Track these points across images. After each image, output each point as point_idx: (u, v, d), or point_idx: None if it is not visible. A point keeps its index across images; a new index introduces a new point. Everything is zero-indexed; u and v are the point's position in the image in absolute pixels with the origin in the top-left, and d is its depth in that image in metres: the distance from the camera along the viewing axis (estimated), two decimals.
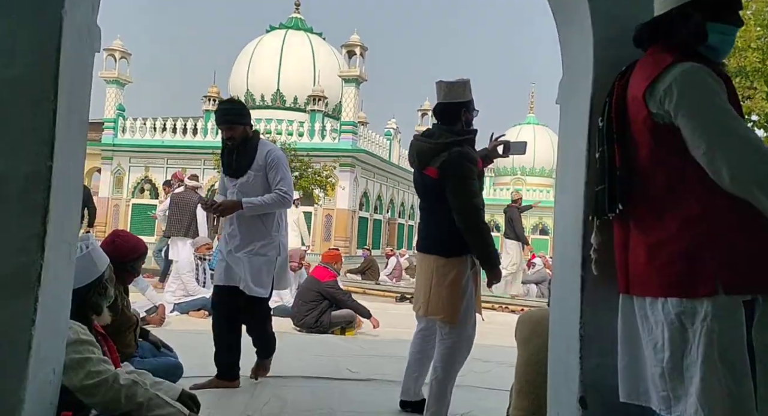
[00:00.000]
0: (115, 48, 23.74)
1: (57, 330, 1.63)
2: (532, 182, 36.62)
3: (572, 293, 1.81)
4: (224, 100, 3.19)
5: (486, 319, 7.56)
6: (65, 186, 1.60)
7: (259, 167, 3.00)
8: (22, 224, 1.48)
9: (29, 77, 1.53)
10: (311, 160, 18.09)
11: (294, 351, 4.34)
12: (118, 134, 23.73)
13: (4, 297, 1.47)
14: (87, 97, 1.78)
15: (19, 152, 1.51)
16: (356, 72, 21.62)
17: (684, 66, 1.39)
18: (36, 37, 1.53)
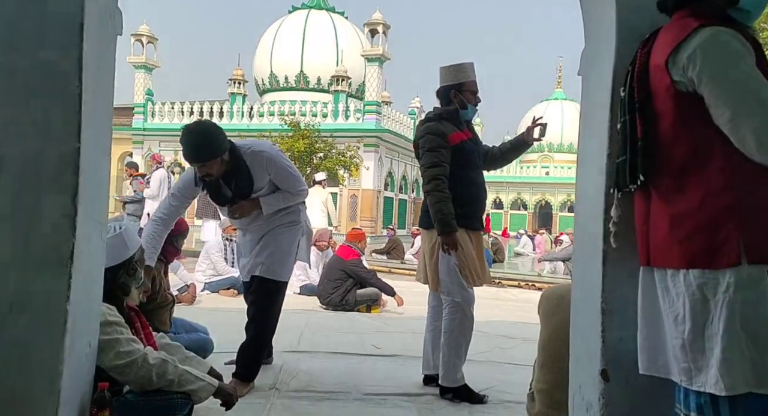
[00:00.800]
0: (142, 33, 24.06)
1: (91, 305, 1.70)
2: (561, 158, 35.96)
3: (594, 266, 1.80)
4: (187, 129, 2.48)
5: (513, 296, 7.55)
6: (93, 167, 1.65)
7: (266, 182, 2.69)
8: (55, 205, 1.55)
9: (55, 61, 1.57)
10: (335, 140, 18.13)
11: (321, 328, 4.44)
12: (147, 118, 24.22)
13: (41, 275, 1.54)
14: (111, 79, 1.83)
15: (48, 135, 1.56)
16: (379, 51, 21.41)
17: (710, 30, 1.34)
18: (60, 21, 1.57)
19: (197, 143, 2.44)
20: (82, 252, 1.59)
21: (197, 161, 2.47)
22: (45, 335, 1.53)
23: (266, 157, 2.64)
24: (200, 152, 2.45)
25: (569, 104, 36.49)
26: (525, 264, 13.82)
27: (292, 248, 2.85)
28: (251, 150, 2.62)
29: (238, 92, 25.23)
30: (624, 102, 1.54)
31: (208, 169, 2.48)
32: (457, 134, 2.77)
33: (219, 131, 2.50)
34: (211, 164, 2.46)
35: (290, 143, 17.05)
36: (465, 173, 2.77)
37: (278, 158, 2.71)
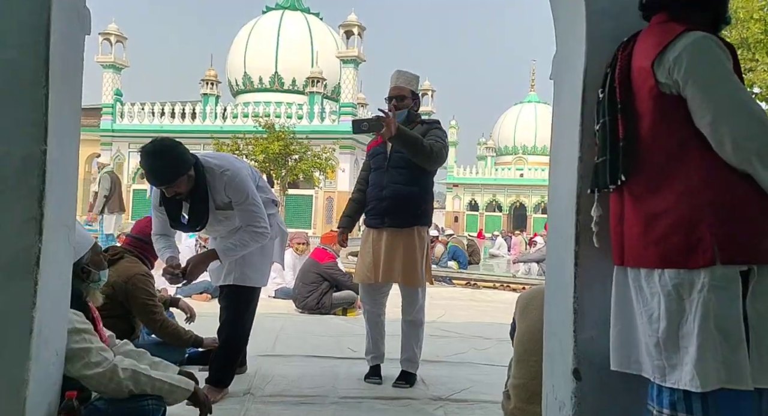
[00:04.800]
0: (111, 32, 23.55)
1: (58, 312, 1.65)
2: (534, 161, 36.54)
3: (566, 267, 1.83)
4: (147, 150, 2.29)
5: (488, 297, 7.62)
6: (60, 170, 1.61)
7: (225, 205, 2.51)
8: (20, 208, 1.50)
9: (20, 61, 1.53)
10: (311, 142, 18.06)
11: (296, 332, 4.40)
12: (116, 119, 23.69)
13: (5, 280, 1.49)
14: (79, 80, 1.78)
15: (13, 136, 1.51)
16: (355, 52, 21.43)
17: (695, 35, 1.38)
18: (25, 21, 1.53)
19: (158, 164, 2.29)
20: (49, 256, 1.54)
21: (162, 182, 2.32)
22: (10, 342, 1.48)
23: (227, 178, 2.44)
24: (164, 174, 2.30)
25: (542, 106, 37.11)
26: (500, 265, 13.98)
27: (265, 252, 2.76)
28: (214, 166, 2.45)
29: (211, 93, 24.91)
30: (603, 103, 1.57)
31: (176, 188, 2.34)
32: (373, 142, 3.12)
33: (180, 146, 2.36)
34: (177, 183, 2.33)
35: (265, 144, 16.91)
36: (371, 176, 3.07)
37: (241, 183, 2.48)
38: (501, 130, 38.51)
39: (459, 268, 10.61)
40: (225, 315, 2.70)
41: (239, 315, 2.69)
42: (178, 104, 23.72)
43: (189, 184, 2.38)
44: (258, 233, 2.51)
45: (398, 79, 2.99)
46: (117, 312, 2.73)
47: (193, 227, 2.54)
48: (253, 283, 2.69)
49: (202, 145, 20.82)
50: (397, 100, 2.96)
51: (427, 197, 3.01)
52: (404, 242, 2.91)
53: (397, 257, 2.90)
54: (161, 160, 2.29)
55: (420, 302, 3.03)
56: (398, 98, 2.96)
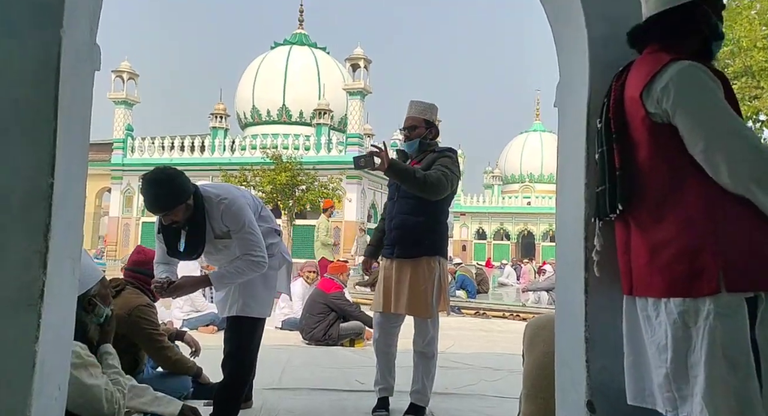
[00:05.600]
0: (123, 69, 24.17)
1: (61, 346, 1.64)
2: (542, 189, 36.54)
3: (576, 295, 1.80)
4: (147, 178, 2.33)
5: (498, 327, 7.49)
6: (67, 203, 1.61)
7: (224, 233, 2.50)
8: (25, 241, 1.50)
9: (29, 97, 1.56)
10: (318, 173, 18.19)
11: (303, 364, 4.33)
12: (127, 153, 24.07)
13: (8, 314, 1.48)
14: (88, 115, 1.81)
15: (21, 170, 1.53)
16: (361, 85, 21.80)
17: (681, 64, 1.39)
18: (35, 58, 1.56)
19: (158, 192, 2.31)
20: (54, 290, 1.53)
21: (160, 210, 2.34)
22: (12, 377, 1.46)
23: (224, 206, 2.44)
24: (162, 201, 2.33)
25: (548, 135, 37.33)
26: (509, 294, 13.80)
27: (268, 283, 2.73)
28: (212, 195, 2.46)
29: (220, 126, 25.33)
30: (601, 133, 1.58)
31: (173, 216, 2.36)
32: None
33: (180, 175, 2.38)
34: (177, 211, 2.34)
35: (272, 176, 17.06)
36: (387, 206, 3.15)
37: (238, 211, 2.47)
38: (507, 159, 38.70)
39: (468, 297, 10.48)
40: (228, 347, 2.66)
41: (243, 346, 2.65)
42: (187, 137, 24.12)
43: (187, 212, 2.39)
44: (254, 262, 2.48)
45: (411, 110, 3.03)
46: (120, 346, 2.70)
47: (189, 255, 2.53)
48: (256, 314, 2.65)
49: (211, 177, 21.03)
50: (408, 131, 3.00)
51: (435, 227, 2.97)
52: (411, 273, 2.88)
53: (405, 288, 2.88)
54: (161, 188, 2.32)
55: (430, 334, 2.96)
56: (410, 129, 3.00)
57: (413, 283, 2.87)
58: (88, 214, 26.38)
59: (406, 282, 2.88)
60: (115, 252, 22.83)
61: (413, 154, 3.03)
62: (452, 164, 2.89)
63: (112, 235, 24.37)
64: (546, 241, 34.39)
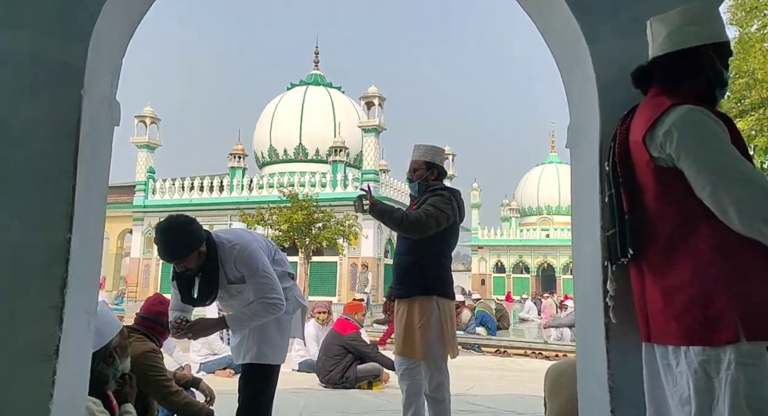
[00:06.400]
0: (146, 114, 24.97)
1: (75, 403, 1.63)
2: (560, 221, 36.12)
3: (597, 341, 1.74)
4: (160, 227, 2.38)
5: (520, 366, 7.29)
6: (84, 257, 1.64)
7: (237, 279, 2.52)
8: (42, 296, 1.52)
9: (49, 153, 1.61)
10: (334, 210, 18.27)
11: (320, 409, 4.23)
12: (148, 195, 24.55)
13: (23, 370, 1.48)
14: (106, 170, 1.86)
15: (40, 225, 1.57)
16: (375, 122, 22.14)
17: (682, 108, 1.39)
18: (56, 115, 1.62)
19: (171, 241, 2.35)
20: (69, 345, 1.54)
21: (173, 258, 2.37)
22: None
23: (236, 251, 2.46)
24: (175, 250, 2.36)
25: (564, 167, 37.16)
26: (531, 330, 13.46)
27: (282, 328, 2.70)
28: (224, 241, 2.48)
29: (238, 166, 25.79)
30: (609, 176, 1.57)
31: (186, 264, 2.39)
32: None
33: (192, 223, 2.41)
34: (188, 259, 2.37)
35: (288, 214, 17.18)
36: None
37: (251, 256, 2.47)
38: (524, 191, 38.54)
39: (488, 334, 10.25)
40: (242, 395, 2.61)
41: (257, 395, 2.60)
42: (207, 177, 24.58)
43: (200, 260, 2.41)
44: (270, 305, 2.47)
45: (414, 153, 3.15)
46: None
47: (202, 301, 2.53)
48: (270, 361, 2.62)
49: (229, 216, 21.31)
50: (411, 173, 3.13)
51: (424, 265, 2.92)
52: (404, 312, 2.89)
53: (400, 328, 2.91)
54: (173, 237, 2.35)
55: (436, 379, 2.90)
56: (412, 171, 3.13)
57: (406, 323, 2.86)
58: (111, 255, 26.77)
59: (402, 322, 2.88)
60: (136, 293, 23.00)
61: (415, 195, 3.13)
62: (442, 202, 2.91)
63: (133, 276, 24.62)
64: (566, 274, 33.71)
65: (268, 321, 2.57)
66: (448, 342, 2.89)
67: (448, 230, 2.97)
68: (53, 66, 1.63)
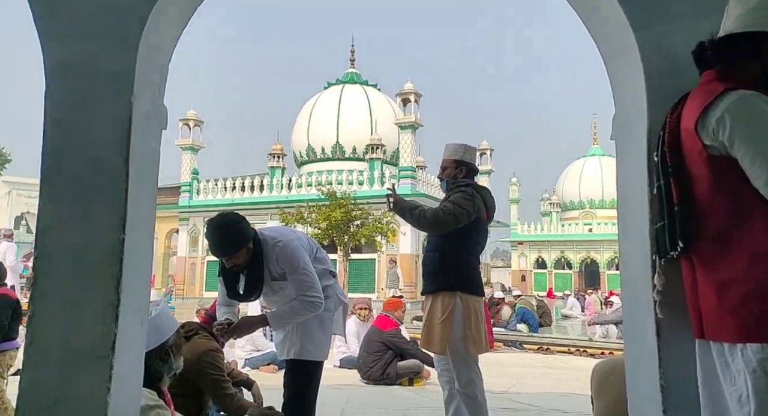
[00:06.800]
0: (190, 117, 25.75)
1: (131, 397, 1.70)
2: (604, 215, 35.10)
3: (647, 339, 1.69)
4: (212, 223, 2.48)
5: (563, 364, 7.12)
6: (136, 257, 1.71)
7: (280, 275, 2.58)
8: (99, 294, 1.59)
9: (105, 158, 1.68)
10: (371, 207, 18.35)
11: (362, 405, 4.27)
12: (193, 196, 25.31)
13: (82, 367, 1.56)
14: (155, 172, 1.93)
15: (96, 227, 1.64)
16: (412, 118, 22.09)
17: (736, 93, 1.33)
18: (109, 122, 1.70)
19: (222, 238, 2.45)
20: (124, 342, 1.61)
21: (224, 254, 2.47)
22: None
23: (279, 248, 2.53)
24: (226, 246, 2.46)
25: (607, 159, 36.08)
26: (574, 327, 13.15)
27: (324, 326, 2.74)
28: (268, 238, 2.56)
29: (278, 166, 26.26)
30: (658, 166, 1.51)
31: (235, 260, 2.48)
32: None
33: (242, 221, 2.50)
34: (238, 255, 2.46)
35: (327, 212, 17.37)
36: None
37: (292, 253, 2.54)
38: (565, 185, 37.63)
39: (529, 331, 10.08)
40: (288, 390, 2.67)
41: (302, 390, 2.66)
42: (247, 177, 25.15)
43: (247, 256, 2.50)
44: (309, 303, 2.52)
45: (444, 153, 3.22)
46: (186, 390, 2.77)
47: (248, 296, 2.61)
48: (313, 357, 2.66)
49: (269, 215, 21.72)
50: (441, 172, 3.21)
51: (446, 261, 2.92)
52: (429, 307, 2.95)
53: (424, 322, 2.97)
54: (225, 234, 2.44)
55: (464, 374, 2.87)
56: (442, 170, 3.21)
57: (429, 318, 2.91)
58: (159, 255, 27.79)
59: (426, 317, 2.95)
60: (183, 291, 23.81)
61: (445, 193, 3.16)
62: (462, 198, 2.93)
63: (180, 274, 25.49)
64: (611, 269, 32.73)
65: (310, 318, 2.61)
66: (471, 338, 2.85)
67: (473, 225, 2.98)
68: (105, 75, 1.70)
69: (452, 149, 3.19)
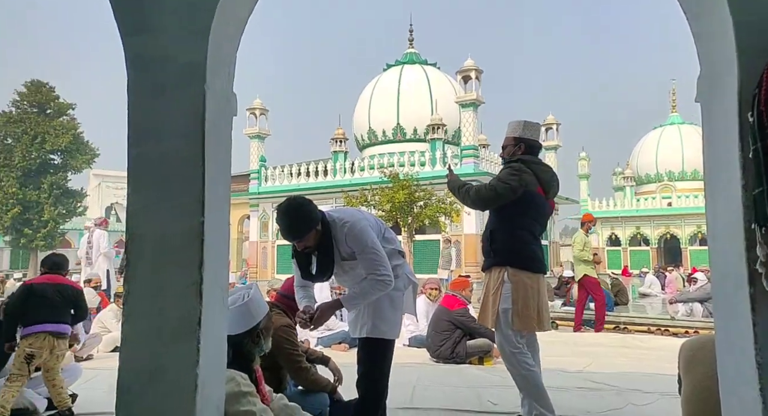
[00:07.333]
0: (256, 107, 26.63)
1: (217, 370, 1.81)
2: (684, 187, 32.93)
3: (740, 314, 1.57)
4: (281, 209, 2.55)
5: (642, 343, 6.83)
6: (215, 238, 1.80)
7: (349, 255, 2.63)
8: (183, 274, 1.70)
9: (182, 147, 1.78)
10: (434, 188, 18.22)
11: (433, 383, 4.31)
12: (261, 183, 26.28)
13: (172, 341, 1.67)
14: (229, 157, 2.01)
15: (178, 211, 1.74)
16: (473, 96, 21.58)
17: None
18: (184, 112, 1.78)
19: (291, 222, 2.51)
20: (208, 318, 1.71)
21: (294, 237, 2.54)
22: (179, 401, 1.64)
23: (347, 229, 2.58)
24: (295, 230, 2.52)
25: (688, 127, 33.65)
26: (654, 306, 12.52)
27: (395, 304, 2.77)
28: (336, 219, 2.62)
29: (340, 150, 26.63)
30: (754, 128, 1.39)
31: (305, 242, 2.55)
32: None
33: (309, 204, 2.56)
34: (307, 238, 2.53)
35: (390, 194, 17.44)
36: None
37: (360, 233, 2.58)
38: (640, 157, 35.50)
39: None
40: (361, 368, 2.74)
41: (375, 368, 2.71)
42: (312, 163, 25.72)
43: (317, 238, 2.57)
44: (379, 281, 2.56)
45: (506, 131, 3.23)
46: (267, 364, 2.91)
47: (321, 277, 2.68)
48: (385, 335, 2.71)
49: (334, 199, 22.14)
50: (502, 150, 3.26)
51: (496, 237, 3.03)
52: (484, 284, 3.06)
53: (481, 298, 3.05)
54: (294, 217, 2.51)
55: (504, 348, 2.96)
56: (502, 148, 3.26)
57: (484, 293, 3.02)
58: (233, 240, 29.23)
59: (482, 293, 3.05)
60: (256, 274, 24.94)
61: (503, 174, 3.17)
62: (508, 173, 2.98)
63: (253, 258, 26.69)
64: (695, 245, 30.75)
65: (381, 298, 2.65)
66: (517, 312, 2.90)
67: (523, 200, 2.95)
68: (180, 65, 1.79)
69: (512, 126, 3.18)
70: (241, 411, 1.82)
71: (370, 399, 2.70)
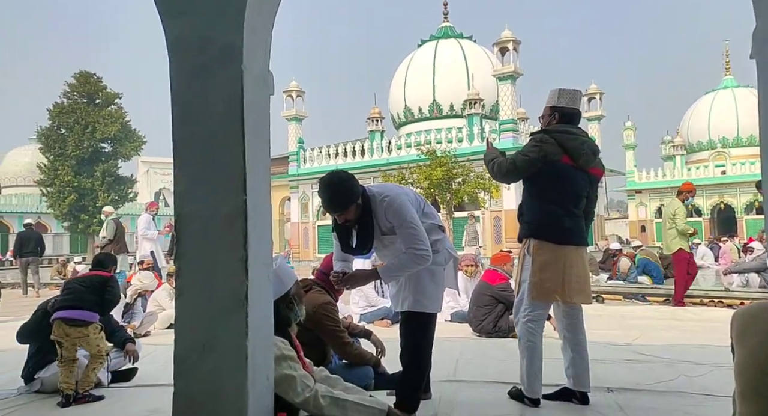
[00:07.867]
0: (292, 89, 26.85)
1: (265, 340, 1.88)
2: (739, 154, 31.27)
3: None
4: (323, 182, 2.60)
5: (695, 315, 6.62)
6: (258, 216, 1.86)
7: (389, 230, 2.66)
8: (230, 251, 1.76)
9: (222, 127, 1.82)
10: (473, 164, 18.00)
11: (476, 356, 4.33)
12: (300, 164, 26.65)
13: (223, 314, 1.75)
14: (267, 136, 2.06)
15: (221, 190, 1.80)
16: (510, 68, 21.02)
17: None
18: (223, 93, 1.83)
19: (333, 194, 2.56)
20: (255, 292, 1.77)
21: (335, 210, 2.60)
22: (231, 370, 1.73)
23: (386, 203, 2.62)
24: (336, 203, 2.58)
25: (743, 90, 31.73)
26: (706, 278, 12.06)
27: (436, 279, 2.80)
28: (376, 194, 2.66)
29: (377, 129, 26.59)
30: None
31: (346, 215, 2.60)
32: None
33: (351, 178, 2.61)
34: (348, 211, 2.58)
35: (428, 171, 17.36)
36: None
37: (399, 208, 2.61)
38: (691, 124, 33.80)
39: (653, 283, 9.43)
40: (404, 341, 2.79)
41: (417, 340, 2.76)
42: (349, 143, 25.85)
43: (357, 212, 2.62)
44: (417, 255, 2.58)
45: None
46: (309, 340, 3.00)
47: (361, 250, 2.73)
48: (427, 309, 2.74)
49: (372, 178, 22.21)
50: (540, 120, 3.19)
51: (524, 210, 3.08)
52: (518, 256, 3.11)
53: None
54: (336, 190, 2.56)
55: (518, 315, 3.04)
56: (539, 119, 3.20)
57: (517, 265, 3.11)
58: (275, 222, 29.90)
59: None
60: (299, 254, 25.51)
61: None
62: (529, 145, 2.97)
63: (294, 238, 27.29)
64: (751, 214, 29.26)
65: (422, 272, 2.68)
66: (533, 283, 2.92)
67: (546, 171, 2.89)
68: (218, 47, 1.82)
69: (549, 96, 3.12)
70: (282, 374, 1.90)
71: (414, 371, 2.74)
